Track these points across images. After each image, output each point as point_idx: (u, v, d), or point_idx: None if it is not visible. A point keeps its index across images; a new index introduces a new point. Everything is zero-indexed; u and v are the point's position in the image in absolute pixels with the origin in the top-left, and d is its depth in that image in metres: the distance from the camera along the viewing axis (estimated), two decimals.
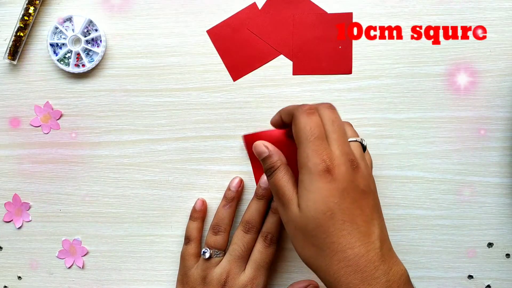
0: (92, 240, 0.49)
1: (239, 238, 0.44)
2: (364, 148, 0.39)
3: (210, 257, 0.44)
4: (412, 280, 0.36)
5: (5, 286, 0.50)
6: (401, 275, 0.34)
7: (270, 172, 0.38)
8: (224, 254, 0.44)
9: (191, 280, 0.44)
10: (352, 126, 0.41)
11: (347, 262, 0.33)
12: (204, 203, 0.47)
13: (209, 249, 0.44)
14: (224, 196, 0.46)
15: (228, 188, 0.46)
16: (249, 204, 0.45)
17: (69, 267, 0.49)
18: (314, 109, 0.37)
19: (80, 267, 0.49)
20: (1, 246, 0.50)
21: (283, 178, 0.37)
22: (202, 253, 0.44)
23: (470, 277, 0.46)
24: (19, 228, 0.50)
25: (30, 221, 0.49)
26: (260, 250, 0.44)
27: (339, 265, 0.33)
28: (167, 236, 0.48)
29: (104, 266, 0.49)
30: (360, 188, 0.35)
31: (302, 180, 0.35)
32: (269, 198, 0.45)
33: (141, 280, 0.49)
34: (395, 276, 0.34)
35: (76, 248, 0.49)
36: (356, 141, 0.38)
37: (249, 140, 0.43)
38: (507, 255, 0.46)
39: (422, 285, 0.46)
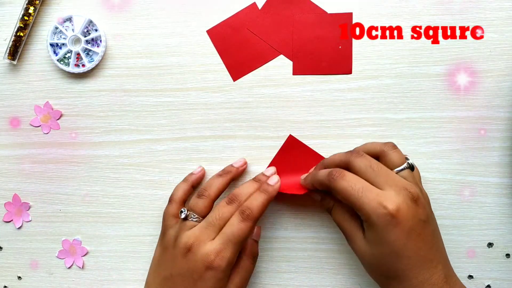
0: (92, 240, 0.49)
1: (219, 207, 0.42)
2: (412, 168, 0.40)
3: (185, 218, 0.42)
4: None
5: (5, 286, 0.50)
6: None
7: (329, 211, 0.43)
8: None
9: (166, 239, 0.43)
10: (395, 147, 0.41)
11: (423, 285, 0.36)
12: (202, 170, 0.47)
13: (187, 210, 0.42)
14: (223, 169, 0.46)
15: (230, 165, 0.46)
16: (243, 183, 0.44)
17: (69, 267, 0.49)
18: (341, 171, 0.39)
19: (80, 267, 0.49)
20: (1, 246, 0.50)
21: (339, 215, 0.41)
22: (179, 212, 0.43)
23: (470, 277, 0.46)
24: (19, 228, 0.50)
25: (30, 221, 0.49)
26: (233, 223, 0.40)
27: None
28: None
29: (104, 266, 0.49)
30: (422, 220, 0.37)
31: (367, 227, 0.37)
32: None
33: (141, 280, 0.49)
34: None
35: (76, 248, 0.49)
36: (403, 169, 0.39)
37: (290, 142, 0.47)
38: (507, 255, 0.46)
39: None
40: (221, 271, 0.39)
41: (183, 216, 0.42)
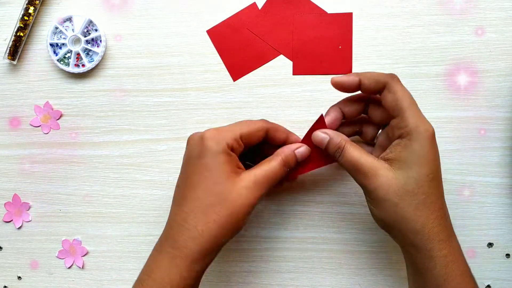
0: (92, 240, 0.49)
1: None
2: None
3: None
4: None
5: (5, 286, 0.50)
6: None
7: (338, 153, 0.39)
8: None
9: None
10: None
11: (440, 219, 0.36)
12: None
13: None
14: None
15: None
16: None
17: (69, 267, 0.49)
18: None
19: (80, 267, 0.49)
20: (1, 246, 0.50)
21: (354, 152, 0.38)
22: None
23: None
24: (19, 228, 0.50)
25: (30, 221, 0.49)
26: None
27: (435, 221, 0.36)
28: None
29: (104, 266, 0.49)
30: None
31: (407, 145, 0.36)
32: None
33: None
34: None
35: (76, 248, 0.49)
36: None
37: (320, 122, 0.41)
38: (507, 255, 0.46)
39: None
40: (214, 140, 0.38)
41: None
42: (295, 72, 0.47)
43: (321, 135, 0.40)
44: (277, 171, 0.39)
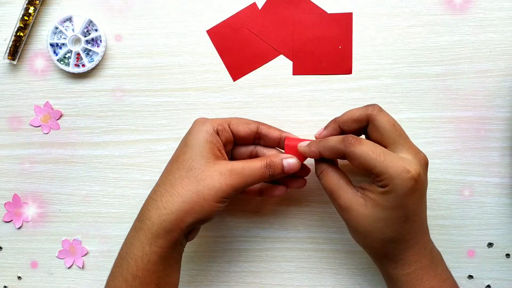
0: (92, 240, 0.49)
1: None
2: None
3: None
4: None
5: (5, 286, 0.50)
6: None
7: (318, 173, 0.40)
8: None
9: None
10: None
11: (408, 248, 0.37)
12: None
13: None
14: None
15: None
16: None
17: (69, 267, 0.49)
18: (356, 137, 0.36)
19: (80, 267, 0.49)
20: (1, 246, 0.50)
21: (333, 179, 0.38)
22: None
23: (470, 277, 0.46)
24: (19, 228, 0.50)
25: (30, 221, 0.49)
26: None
27: (401, 251, 0.37)
28: None
29: (104, 266, 0.49)
30: (427, 187, 0.37)
31: (384, 193, 0.35)
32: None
33: None
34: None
35: (76, 248, 0.49)
36: None
37: (290, 142, 0.41)
38: (507, 255, 0.46)
39: None
40: (201, 121, 0.40)
41: None
42: (295, 72, 0.47)
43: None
44: (256, 169, 0.38)
